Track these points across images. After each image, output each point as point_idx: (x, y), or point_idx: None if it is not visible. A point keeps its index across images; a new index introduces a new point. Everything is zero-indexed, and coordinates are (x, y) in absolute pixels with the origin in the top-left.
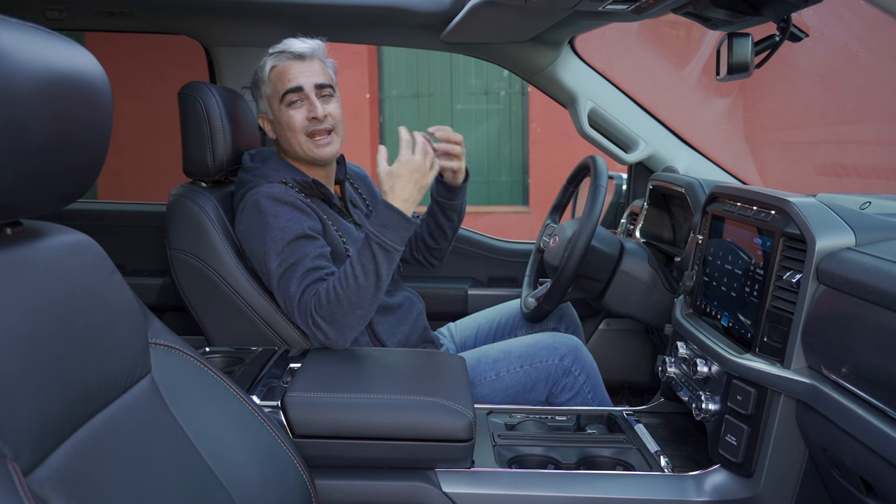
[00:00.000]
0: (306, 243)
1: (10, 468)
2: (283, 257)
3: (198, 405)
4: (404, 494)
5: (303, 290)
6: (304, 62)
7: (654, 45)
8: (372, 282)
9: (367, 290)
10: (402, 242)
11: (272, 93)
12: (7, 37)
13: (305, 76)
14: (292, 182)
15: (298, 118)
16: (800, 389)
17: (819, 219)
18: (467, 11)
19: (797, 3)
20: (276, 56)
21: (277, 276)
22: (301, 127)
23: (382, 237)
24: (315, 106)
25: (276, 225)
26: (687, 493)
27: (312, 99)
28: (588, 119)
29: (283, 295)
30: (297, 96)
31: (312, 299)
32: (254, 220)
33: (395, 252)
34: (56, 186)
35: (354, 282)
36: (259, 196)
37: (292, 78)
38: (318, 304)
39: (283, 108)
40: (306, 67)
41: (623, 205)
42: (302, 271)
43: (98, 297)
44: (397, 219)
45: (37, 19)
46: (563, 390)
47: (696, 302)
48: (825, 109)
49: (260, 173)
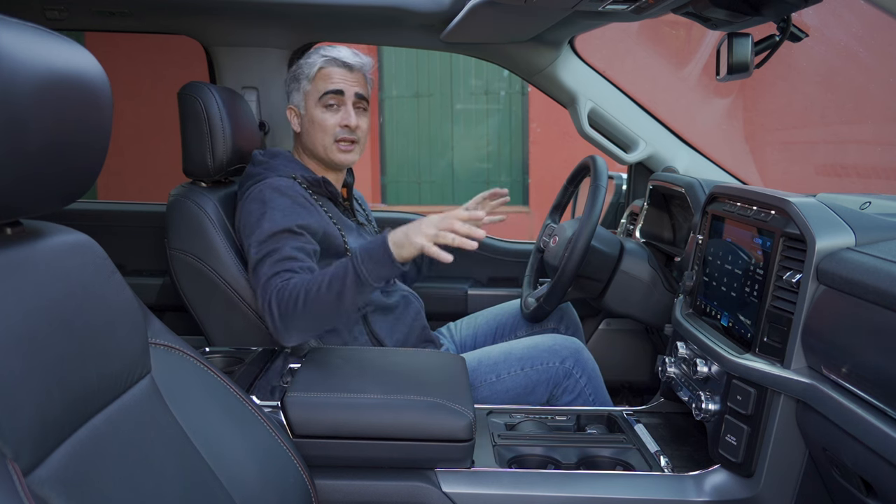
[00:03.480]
0: (289, 238)
1: (10, 468)
2: (263, 247)
3: (198, 405)
4: (404, 494)
5: (272, 274)
6: (350, 72)
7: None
8: (332, 299)
9: (323, 306)
10: (379, 281)
11: (311, 90)
12: (7, 37)
13: (349, 84)
14: (301, 178)
15: (331, 121)
16: (800, 389)
17: (819, 219)
18: (467, 11)
19: (797, 3)
20: (326, 59)
21: (254, 263)
22: (331, 130)
23: (362, 265)
24: (350, 114)
25: (269, 216)
26: (687, 493)
27: (349, 107)
28: (588, 119)
29: (255, 276)
30: (336, 100)
31: (278, 286)
32: (252, 209)
33: (367, 285)
34: (56, 186)
35: (316, 292)
36: (264, 187)
37: (337, 81)
38: (281, 294)
39: (319, 108)
40: (352, 77)
41: (623, 205)
42: (277, 258)
43: (98, 297)
44: (383, 255)
45: (37, 19)
46: (564, 393)
47: (696, 302)
48: (825, 109)
49: (270, 167)
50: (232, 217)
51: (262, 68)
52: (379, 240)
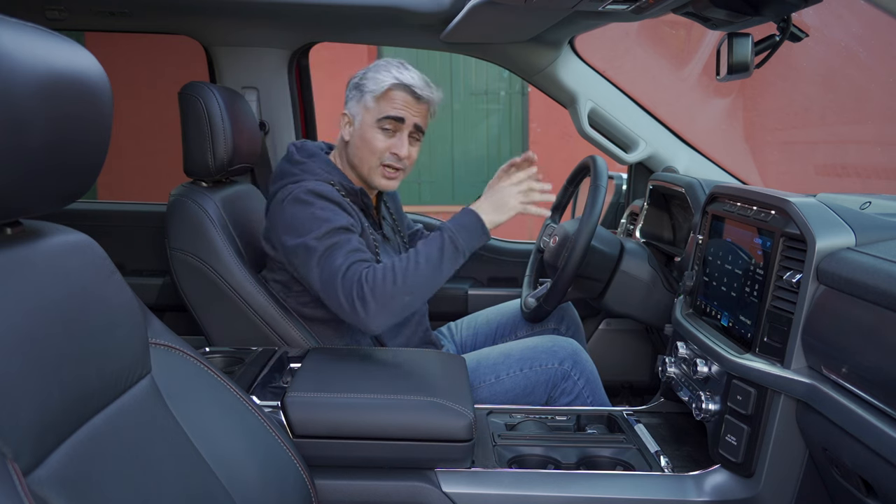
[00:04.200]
0: (348, 233)
1: (10, 468)
2: (326, 239)
3: (198, 405)
4: (404, 494)
5: (350, 263)
6: (417, 102)
7: (654, 45)
8: (432, 270)
9: (424, 278)
10: (471, 248)
11: (374, 108)
12: (7, 37)
13: (412, 113)
14: (339, 185)
15: (382, 145)
16: (800, 389)
17: (819, 219)
18: (467, 11)
19: (797, 3)
20: (397, 83)
21: (320, 251)
22: (380, 154)
23: (458, 235)
24: (403, 144)
25: (322, 216)
26: (687, 493)
27: (405, 136)
28: (588, 119)
29: (327, 268)
30: (393, 126)
31: (364, 272)
32: (297, 211)
33: (462, 254)
34: (56, 186)
35: (415, 266)
36: (306, 189)
37: (400, 108)
38: (371, 278)
39: (374, 128)
40: (416, 107)
41: (623, 205)
42: (347, 249)
43: (98, 297)
44: (477, 225)
45: (37, 19)
46: (562, 394)
47: (696, 302)
48: (825, 109)
49: (307, 168)
50: (232, 217)
51: (262, 68)
52: (468, 213)
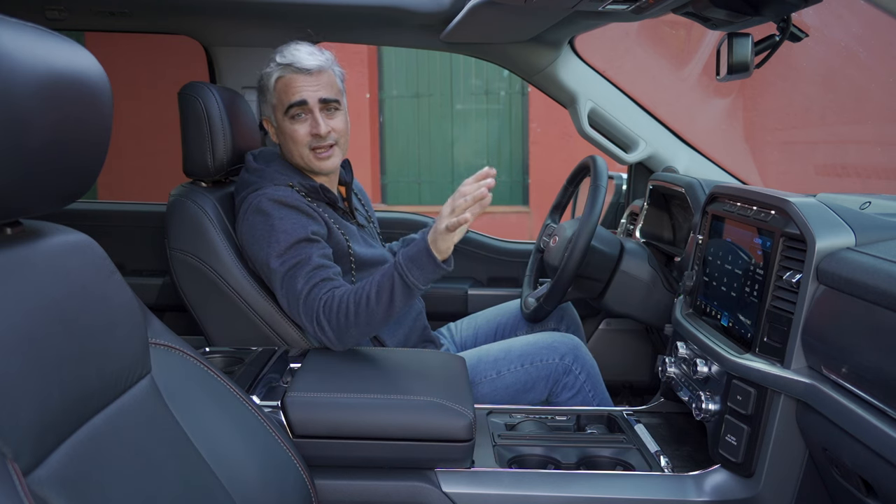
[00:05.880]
0: (309, 246)
1: (10, 468)
2: (287, 257)
3: (198, 405)
4: (404, 494)
5: (310, 288)
6: (311, 76)
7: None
8: (383, 308)
9: (377, 315)
10: (426, 283)
11: (277, 103)
12: (7, 37)
13: (311, 91)
14: (298, 186)
15: (301, 132)
16: (800, 389)
17: (819, 219)
18: (467, 11)
19: (797, 3)
20: (282, 67)
21: (281, 273)
22: (304, 141)
23: (408, 272)
24: (318, 123)
25: (281, 227)
26: (687, 493)
27: (316, 115)
28: (588, 119)
29: (288, 292)
30: (301, 110)
31: (323, 299)
32: (257, 222)
33: (414, 289)
34: (56, 186)
35: (366, 303)
36: (264, 198)
37: (297, 92)
38: (329, 308)
39: (287, 121)
40: (313, 81)
41: (623, 205)
42: (308, 269)
43: (98, 297)
44: (427, 260)
45: (37, 19)
46: (563, 389)
47: (696, 302)
48: (825, 109)
49: (265, 175)
50: (232, 217)
51: (262, 68)
52: (420, 244)
